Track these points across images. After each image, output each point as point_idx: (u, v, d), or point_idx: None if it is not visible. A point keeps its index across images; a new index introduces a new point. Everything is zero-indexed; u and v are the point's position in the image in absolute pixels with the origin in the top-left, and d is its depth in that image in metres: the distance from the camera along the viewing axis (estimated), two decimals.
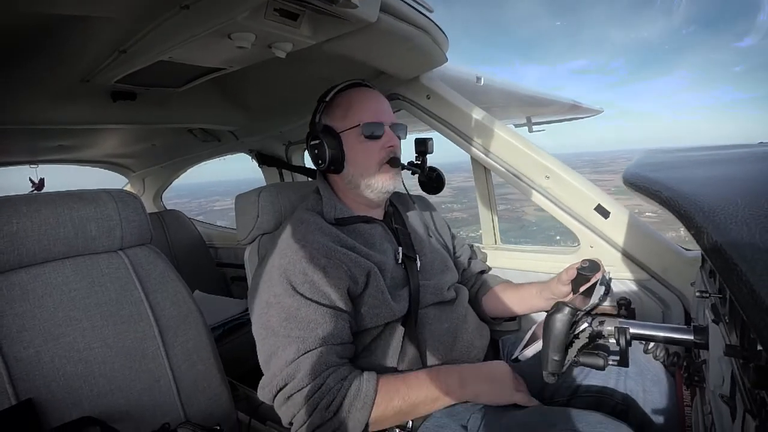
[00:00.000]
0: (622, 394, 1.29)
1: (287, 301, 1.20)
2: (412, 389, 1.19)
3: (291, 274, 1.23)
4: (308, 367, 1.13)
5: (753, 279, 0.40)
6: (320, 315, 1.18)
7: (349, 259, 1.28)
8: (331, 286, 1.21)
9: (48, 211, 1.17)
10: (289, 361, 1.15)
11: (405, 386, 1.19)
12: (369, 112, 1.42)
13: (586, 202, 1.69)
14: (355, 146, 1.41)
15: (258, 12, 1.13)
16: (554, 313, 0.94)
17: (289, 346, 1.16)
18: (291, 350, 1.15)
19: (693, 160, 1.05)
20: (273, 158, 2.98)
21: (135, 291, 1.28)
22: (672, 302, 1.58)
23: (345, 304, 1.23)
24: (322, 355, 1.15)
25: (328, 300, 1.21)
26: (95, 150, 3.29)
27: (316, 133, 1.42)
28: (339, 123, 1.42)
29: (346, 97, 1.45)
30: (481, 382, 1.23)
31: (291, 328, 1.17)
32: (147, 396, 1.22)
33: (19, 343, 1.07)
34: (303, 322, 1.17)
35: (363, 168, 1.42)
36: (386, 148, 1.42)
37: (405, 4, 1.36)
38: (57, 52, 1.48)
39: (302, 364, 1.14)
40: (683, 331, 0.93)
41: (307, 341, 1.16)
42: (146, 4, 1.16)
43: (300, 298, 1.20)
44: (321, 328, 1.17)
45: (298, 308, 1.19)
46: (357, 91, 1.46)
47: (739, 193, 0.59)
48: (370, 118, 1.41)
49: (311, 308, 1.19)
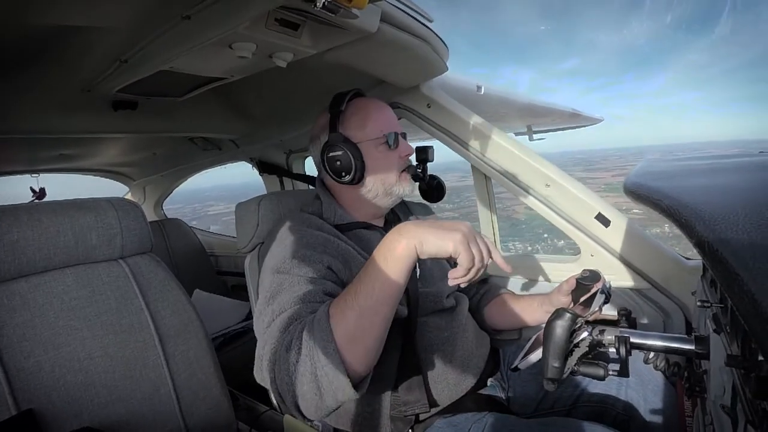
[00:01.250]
0: (623, 404, 1.29)
1: (271, 278, 1.18)
2: (353, 285, 1.00)
3: (282, 256, 1.22)
4: (279, 324, 1.06)
5: (754, 288, 0.40)
6: (302, 286, 1.13)
7: (347, 252, 1.29)
8: (320, 263, 1.20)
9: (48, 220, 1.17)
10: (265, 326, 1.08)
11: (351, 292, 0.99)
12: (387, 123, 1.44)
13: (586, 211, 1.69)
14: (375, 156, 1.41)
15: (259, 22, 1.13)
16: (554, 320, 0.94)
17: (268, 315, 1.10)
18: (267, 317, 1.10)
19: (693, 169, 1.05)
20: (274, 166, 2.99)
21: (135, 300, 1.28)
22: (673, 311, 1.58)
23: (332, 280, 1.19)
24: (294, 312, 1.07)
25: (315, 273, 1.17)
26: (96, 159, 3.30)
27: (337, 144, 1.38)
28: (357, 133, 1.41)
29: (360, 107, 1.45)
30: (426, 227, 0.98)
31: (273, 303, 1.11)
32: (147, 406, 1.21)
33: (19, 353, 1.06)
34: (285, 295, 1.11)
35: (383, 177, 1.42)
36: (403, 157, 1.45)
37: (405, 14, 1.36)
38: (58, 61, 1.48)
39: (274, 325, 1.06)
40: (684, 341, 0.92)
41: (282, 303, 1.09)
42: (147, 15, 1.17)
43: (284, 275, 1.16)
44: (302, 298, 1.09)
45: (280, 283, 1.15)
46: (367, 101, 1.47)
47: (739, 203, 0.59)
48: (390, 128, 1.43)
49: (294, 280, 1.14)
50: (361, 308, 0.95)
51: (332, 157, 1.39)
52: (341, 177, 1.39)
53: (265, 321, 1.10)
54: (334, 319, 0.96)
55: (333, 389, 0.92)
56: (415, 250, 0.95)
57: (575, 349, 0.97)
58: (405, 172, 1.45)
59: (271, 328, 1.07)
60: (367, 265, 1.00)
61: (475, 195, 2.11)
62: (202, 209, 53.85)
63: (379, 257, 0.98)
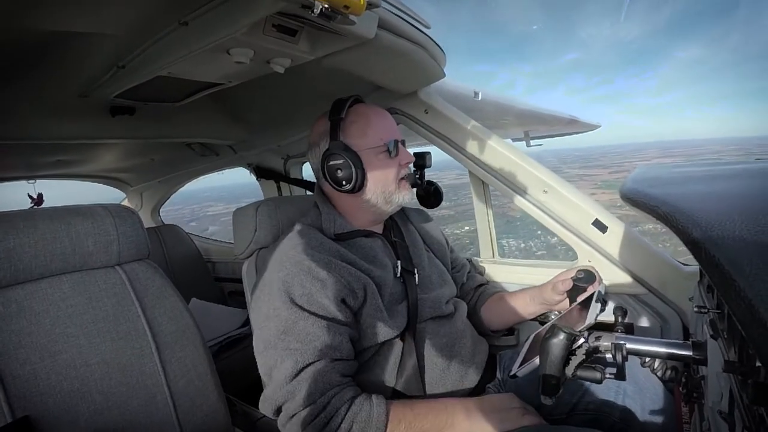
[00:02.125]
0: (620, 411, 1.29)
1: (285, 314, 1.20)
2: (419, 417, 1.17)
3: (289, 286, 1.22)
4: (310, 385, 1.12)
5: (751, 295, 0.40)
6: (318, 328, 1.18)
7: (348, 273, 1.27)
8: (330, 299, 1.20)
9: (45, 227, 1.17)
10: (289, 376, 1.14)
11: (412, 413, 1.18)
12: (387, 130, 1.43)
13: (583, 217, 1.70)
14: (375, 164, 1.40)
15: (257, 28, 1.13)
16: (550, 338, 0.94)
17: (288, 359, 1.15)
18: (289, 364, 1.14)
19: (690, 175, 1.05)
20: (271, 172, 2.98)
21: (132, 306, 1.27)
22: (670, 317, 1.58)
23: (344, 317, 1.22)
24: (323, 373, 1.14)
25: (326, 312, 1.20)
26: (93, 165, 3.29)
27: (338, 153, 1.37)
28: (357, 141, 1.39)
29: (361, 114, 1.43)
30: (487, 414, 1.20)
31: (289, 341, 1.16)
32: (144, 413, 1.21)
33: (15, 360, 1.06)
34: (301, 335, 1.16)
35: (383, 185, 1.41)
36: (403, 165, 1.44)
37: (402, 20, 1.37)
38: (55, 67, 1.48)
39: (303, 380, 1.13)
40: (681, 347, 0.92)
41: (306, 354, 1.14)
42: (145, 21, 1.17)
43: (298, 310, 1.19)
44: (319, 341, 1.16)
45: (295, 321, 1.18)
46: (368, 108, 1.46)
47: (736, 209, 0.59)
48: (391, 136, 1.42)
49: (309, 321, 1.18)
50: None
51: (333, 166, 1.37)
52: (341, 185, 1.37)
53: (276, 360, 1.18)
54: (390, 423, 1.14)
55: None
56: None
57: (572, 357, 0.97)
58: (404, 180, 1.44)
59: (298, 382, 1.14)
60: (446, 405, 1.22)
61: (473, 201, 2.12)
62: (201, 210, 53.82)
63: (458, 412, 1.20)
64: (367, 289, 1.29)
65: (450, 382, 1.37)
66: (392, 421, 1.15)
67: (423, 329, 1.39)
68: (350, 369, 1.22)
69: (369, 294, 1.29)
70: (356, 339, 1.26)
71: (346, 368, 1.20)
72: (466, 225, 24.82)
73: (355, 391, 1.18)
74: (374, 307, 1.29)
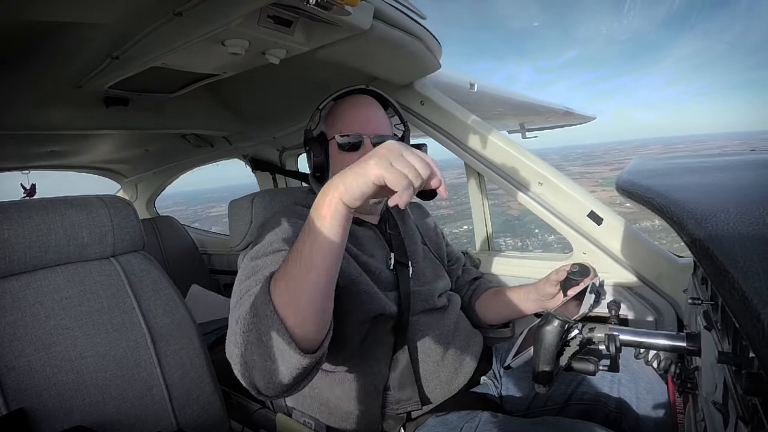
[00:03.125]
0: (615, 401, 1.30)
1: (246, 263, 1.15)
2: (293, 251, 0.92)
3: (265, 242, 1.18)
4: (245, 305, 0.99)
5: (745, 286, 0.40)
6: (272, 258, 1.10)
7: None
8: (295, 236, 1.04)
9: (39, 218, 1.17)
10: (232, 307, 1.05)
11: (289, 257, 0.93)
12: (348, 124, 1.41)
13: (579, 209, 1.70)
14: (335, 156, 1.41)
15: (251, 19, 1.13)
16: (544, 326, 0.94)
17: (236, 296, 1.07)
18: (235, 297, 1.07)
19: (685, 167, 1.05)
20: (267, 164, 2.97)
21: (127, 298, 1.27)
22: (664, 309, 1.58)
23: None
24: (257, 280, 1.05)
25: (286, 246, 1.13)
26: (87, 156, 3.27)
27: (310, 140, 1.44)
28: (328, 131, 1.44)
29: (340, 104, 1.46)
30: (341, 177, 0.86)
31: (250, 280, 1.08)
32: (139, 405, 1.21)
33: (10, 352, 1.06)
34: (254, 269, 1.09)
35: None
36: None
37: (398, 11, 1.36)
38: (48, 57, 1.47)
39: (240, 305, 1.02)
40: (675, 338, 0.93)
41: (249, 284, 1.06)
42: (139, 11, 1.16)
43: (261, 258, 1.13)
44: (268, 269, 1.06)
45: (255, 267, 1.11)
46: (348, 100, 1.47)
47: (731, 201, 0.59)
48: (348, 130, 1.39)
49: (269, 260, 1.10)
50: (297, 271, 0.89)
51: (308, 152, 1.45)
52: (314, 173, 1.43)
53: (233, 302, 1.07)
54: (274, 285, 0.92)
55: (280, 352, 0.89)
56: (342, 201, 0.85)
57: (566, 348, 0.97)
58: None
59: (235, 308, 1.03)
60: (304, 228, 0.91)
61: (469, 193, 2.12)
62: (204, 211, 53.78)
63: (312, 219, 0.89)
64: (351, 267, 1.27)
65: (444, 374, 1.37)
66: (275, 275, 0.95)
67: (416, 322, 1.39)
68: None
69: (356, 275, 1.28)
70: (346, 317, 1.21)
71: None
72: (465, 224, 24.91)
73: None
74: (364, 282, 1.29)
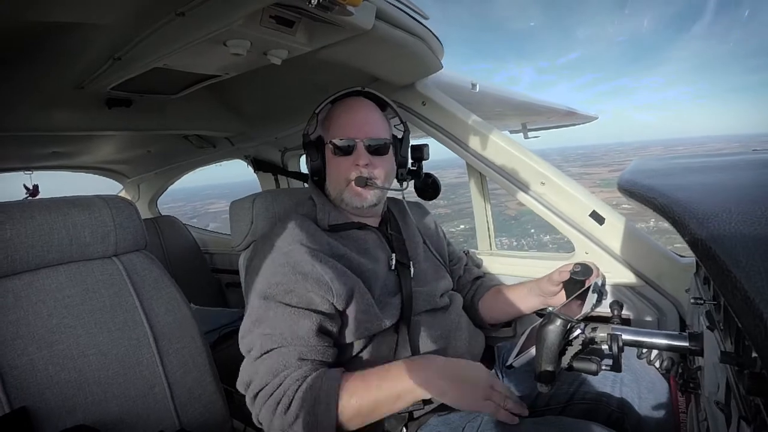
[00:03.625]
0: (617, 401, 1.29)
1: (258, 303, 1.21)
2: (371, 389, 1.14)
3: (271, 277, 1.23)
4: (270, 365, 1.14)
5: (747, 286, 0.41)
6: (290, 317, 1.18)
7: (335, 270, 1.25)
8: (307, 290, 1.20)
9: (42, 218, 1.17)
10: (255, 357, 1.17)
11: (363, 385, 1.15)
12: (341, 128, 1.40)
13: (581, 209, 1.70)
14: (331, 160, 1.42)
15: (253, 19, 1.13)
16: (546, 325, 0.94)
17: (257, 342, 1.17)
18: (256, 348, 1.17)
19: (687, 167, 1.05)
20: (269, 164, 2.98)
21: (129, 297, 1.27)
22: (667, 309, 1.58)
23: (321, 307, 1.21)
24: (281, 355, 1.15)
25: (301, 302, 1.20)
26: (90, 156, 3.28)
27: (308, 142, 1.45)
28: (325, 134, 1.44)
29: (337, 107, 1.45)
30: (449, 380, 1.13)
31: (262, 328, 1.18)
32: (141, 404, 1.21)
33: (13, 350, 1.06)
34: (272, 323, 1.18)
35: (335, 183, 1.41)
36: (354, 167, 1.38)
37: (400, 11, 1.36)
38: (51, 59, 1.47)
39: (264, 361, 1.15)
40: (678, 338, 0.93)
41: (273, 338, 1.16)
42: (141, 12, 1.16)
43: (272, 301, 1.20)
44: (289, 330, 1.16)
45: (266, 310, 1.20)
46: (345, 103, 1.45)
47: (732, 201, 0.59)
48: (341, 134, 1.39)
49: (280, 309, 1.19)
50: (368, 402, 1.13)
51: (306, 155, 1.46)
52: (313, 176, 1.44)
53: (251, 345, 1.19)
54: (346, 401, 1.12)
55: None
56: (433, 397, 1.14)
57: (568, 347, 0.97)
58: (353, 182, 1.39)
59: (261, 362, 1.16)
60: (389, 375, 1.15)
61: (471, 193, 2.12)
62: (203, 207, 53.82)
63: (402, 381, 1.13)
64: (354, 287, 1.27)
65: None
66: (343, 396, 1.12)
67: (418, 322, 1.39)
68: (315, 353, 1.19)
69: (357, 291, 1.28)
70: (339, 329, 1.26)
71: (309, 352, 1.18)
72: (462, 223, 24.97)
73: (309, 370, 1.16)
74: (364, 302, 1.28)
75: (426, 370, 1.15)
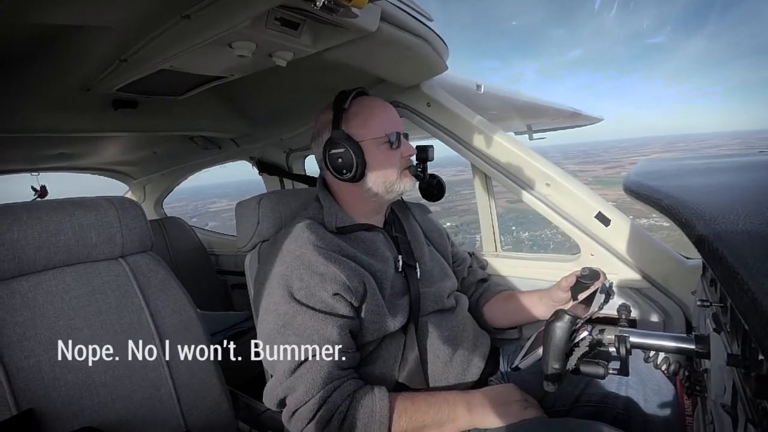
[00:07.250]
0: (623, 403, 1.29)
1: (283, 308, 1.21)
2: (420, 412, 1.19)
3: (288, 280, 1.23)
4: (309, 379, 1.13)
5: (754, 288, 0.40)
6: (316, 321, 1.18)
7: (348, 268, 1.27)
8: (329, 293, 1.21)
9: (48, 219, 1.17)
10: (289, 369, 1.15)
11: (413, 407, 1.19)
12: (389, 123, 1.43)
13: (586, 210, 1.69)
14: (376, 155, 1.40)
15: (259, 21, 1.13)
16: (554, 321, 0.94)
17: (287, 352, 1.16)
18: (289, 357, 1.15)
19: (693, 168, 1.05)
20: (274, 166, 2.98)
21: (135, 299, 1.28)
22: (673, 311, 1.57)
23: (343, 311, 1.22)
24: (322, 366, 1.15)
25: (324, 306, 1.20)
26: (96, 158, 3.30)
27: (339, 142, 1.38)
28: (358, 131, 1.40)
29: (364, 105, 1.44)
30: (489, 408, 1.20)
31: (288, 335, 1.17)
32: (148, 405, 1.21)
33: (20, 352, 1.06)
34: (299, 329, 1.17)
35: (384, 176, 1.41)
36: (405, 157, 1.44)
37: (405, 13, 1.36)
38: (57, 61, 1.48)
39: (302, 374, 1.14)
40: (684, 340, 0.92)
41: (304, 348, 1.15)
42: (147, 14, 1.16)
43: (296, 304, 1.20)
44: (317, 335, 1.16)
45: (294, 315, 1.19)
46: (371, 101, 1.46)
47: (739, 202, 0.59)
48: (393, 128, 1.42)
49: (307, 315, 1.19)
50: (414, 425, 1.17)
51: (334, 155, 1.38)
52: (342, 174, 1.38)
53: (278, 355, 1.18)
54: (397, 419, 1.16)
55: None
56: None
57: (575, 348, 0.97)
58: (407, 170, 1.45)
59: (297, 378, 1.15)
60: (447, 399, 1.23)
61: (475, 193, 2.11)
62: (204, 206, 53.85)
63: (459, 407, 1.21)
64: (366, 285, 1.29)
65: (453, 374, 1.37)
66: (395, 415, 1.15)
67: (425, 323, 1.39)
68: (350, 361, 1.22)
69: (369, 289, 1.29)
70: (357, 331, 1.26)
71: (346, 361, 1.20)
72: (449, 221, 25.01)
73: (356, 384, 1.18)
74: (375, 302, 1.29)
75: (467, 401, 1.23)
